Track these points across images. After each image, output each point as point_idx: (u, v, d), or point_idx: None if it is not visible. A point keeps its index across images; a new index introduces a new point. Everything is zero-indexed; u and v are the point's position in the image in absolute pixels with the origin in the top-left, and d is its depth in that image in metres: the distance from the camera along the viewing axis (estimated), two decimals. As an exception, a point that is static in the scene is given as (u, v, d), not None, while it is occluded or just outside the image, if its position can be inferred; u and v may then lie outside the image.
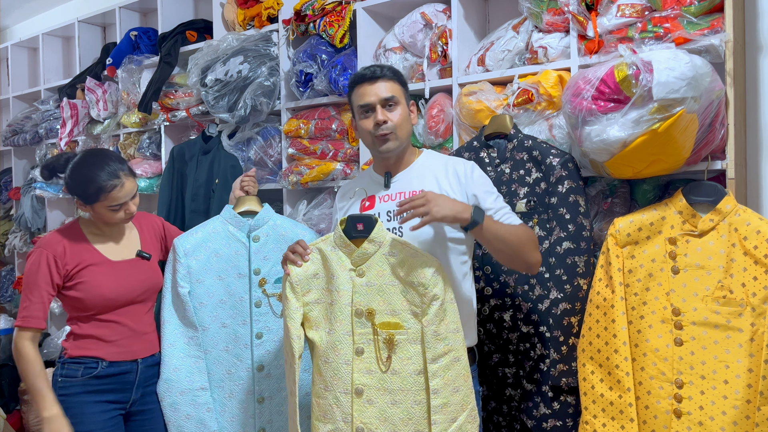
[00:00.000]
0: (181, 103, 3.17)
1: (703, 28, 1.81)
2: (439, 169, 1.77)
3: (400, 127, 1.73)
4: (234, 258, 1.99)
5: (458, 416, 1.62)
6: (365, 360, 1.66)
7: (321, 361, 1.69)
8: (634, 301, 1.82)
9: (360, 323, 1.66)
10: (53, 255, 1.88)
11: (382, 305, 1.66)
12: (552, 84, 2.03)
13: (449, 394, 1.61)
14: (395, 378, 1.65)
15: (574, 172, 1.93)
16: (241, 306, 1.99)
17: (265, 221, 2.03)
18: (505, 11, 2.40)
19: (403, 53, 2.45)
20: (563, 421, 1.95)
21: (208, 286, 1.97)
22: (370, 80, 1.74)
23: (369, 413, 1.65)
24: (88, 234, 1.98)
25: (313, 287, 1.72)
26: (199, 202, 2.89)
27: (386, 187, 1.79)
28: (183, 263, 1.95)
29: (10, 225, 4.65)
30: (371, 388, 1.66)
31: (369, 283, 1.67)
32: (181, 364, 1.95)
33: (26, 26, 4.98)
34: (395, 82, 1.75)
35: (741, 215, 1.72)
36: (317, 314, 1.72)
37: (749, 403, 1.67)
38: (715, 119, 1.77)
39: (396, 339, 1.64)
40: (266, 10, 2.85)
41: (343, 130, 2.61)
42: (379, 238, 1.67)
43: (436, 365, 1.61)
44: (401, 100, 1.75)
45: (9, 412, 3.55)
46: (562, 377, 1.91)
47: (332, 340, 1.68)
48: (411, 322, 1.64)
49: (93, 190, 1.87)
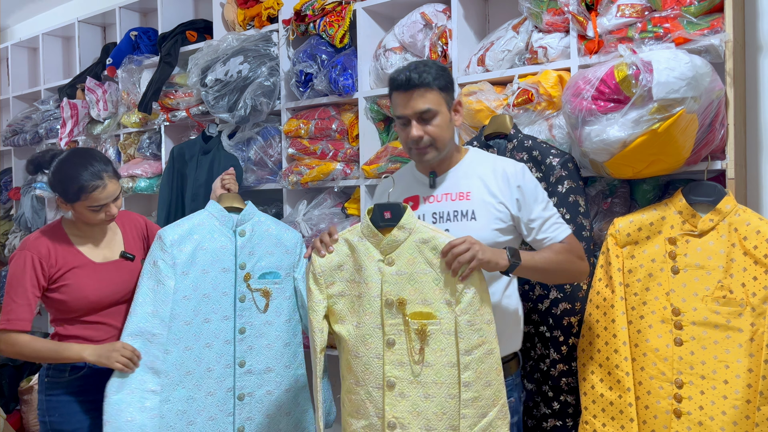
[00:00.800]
0: (181, 103, 3.17)
1: (703, 28, 1.81)
2: (487, 170, 1.70)
3: (438, 138, 1.65)
4: (219, 252, 1.96)
5: (489, 411, 1.57)
6: (396, 352, 1.60)
7: (351, 356, 1.65)
8: (634, 301, 1.82)
9: (390, 314, 1.61)
10: (38, 257, 1.86)
11: (413, 294, 1.60)
12: (552, 84, 2.03)
13: (481, 387, 1.56)
14: (428, 370, 1.59)
15: (574, 172, 1.93)
16: (224, 301, 1.96)
17: (250, 217, 2.03)
18: (505, 11, 2.40)
19: (403, 53, 2.45)
20: (563, 421, 1.95)
21: (193, 279, 1.91)
22: (405, 89, 1.63)
23: (401, 407, 1.60)
24: (71, 235, 1.96)
25: (337, 279, 1.67)
26: (199, 202, 2.88)
27: (431, 188, 1.73)
28: (169, 253, 1.88)
29: (10, 225, 4.65)
30: (403, 381, 1.60)
31: (399, 272, 1.61)
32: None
33: (26, 26, 4.97)
34: (432, 89, 1.63)
35: (741, 215, 1.72)
36: (342, 307, 1.67)
37: (749, 403, 1.67)
38: (715, 119, 1.77)
39: (428, 330, 1.58)
40: (266, 10, 2.85)
41: (343, 130, 2.61)
42: (408, 224, 1.61)
43: (470, 357, 1.55)
44: (440, 109, 1.64)
45: (9, 412, 3.56)
46: (562, 377, 1.91)
47: (361, 334, 1.63)
48: (444, 312, 1.57)
49: (74, 189, 1.85)
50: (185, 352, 1.88)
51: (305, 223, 2.59)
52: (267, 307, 2.01)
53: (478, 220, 1.66)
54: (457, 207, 1.69)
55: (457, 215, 1.67)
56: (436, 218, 1.71)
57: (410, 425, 1.60)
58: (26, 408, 3.49)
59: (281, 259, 2.05)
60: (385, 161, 2.42)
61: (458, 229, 1.66)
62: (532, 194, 1.67)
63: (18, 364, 4.01)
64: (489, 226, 1.65)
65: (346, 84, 2.52)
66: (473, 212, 1.67)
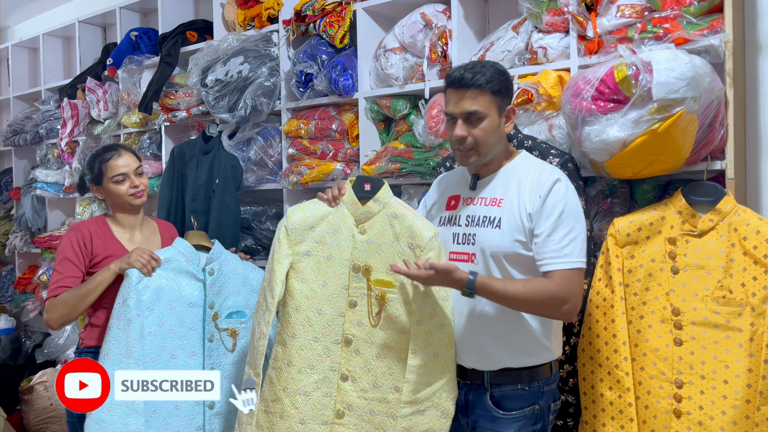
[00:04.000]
0: (181, 103, 3.17)
1: (703, 28, 1.81)
2: (525, 179, 1.63)
3: (482, 141, 1.61)
4: (186, 288, 1.97)
5: (434, 381, 1.66)
6: (357, 313, 1.73)
7: (312, 313, 1.75)
8: (634, 301, 1.82)
9: (356, 278, 1.73)
10: (81, 237, 2.01)
11: (379, 263, 1.72)
12: (552, 84, 2.03)
13: (428, 357, 1.65)
14: (382, 333, 1.72)
15: (574, 172, 1.93)
16: (191, 336, 1.96)
17: (218, 256, 2.03)
18: (505, 11, 2.40)
19: (403, 53, 2.46)
20: (563, 421, 1.95)
21: (158, 315, 1.91)
22: (457, 88, 1.61)
23: (355, 362, 1.73)
24: (114, 228, 2.10)
25: (306, 239, 1.77)
26: (200, 202, 2.89)
27: (472, 189, 1.73)
28: (136, 290, 1.87)
29: (10, 225, 4.65)
30: (359, 340, 1.73)
31: (369, 241, 1.73)
32: (116, 403, 1.82)
33: (27, 26, 4.98)
34: (485, 92, 1.59)
35: (740, 215, 1.73)
36: (306, 266, 1.76)
37: (749, 403, 1.67)
38: (714, 119, 1.77)
39: (387, 297, 1.71)
40: (266, 11, 2.86)
41: (343, 130, 2.62)
42: (384, 198, 1.74)
43: (419, 327, 1.66)
44: (490, 112, 1.60)
45: (9, 412, 3.56)
46: (568, 378, 1.92)
47: (328, 293, 1.75)
48: (403, 283, 1.70)
49: (96, 164, 2.07)
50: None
51: (305, 223, 2.59)
52: (235, 346, 2.02)
53: (502, 228, 1.63)
54: (487, 213, 1.67)
55: (485, 221, 1.66)
56: (468, 221, 1.69)
57: (360, 379, 1.73)
58: (26, 408, 3.49)
59: (247, 298, 2.06)
60: (385, 161, 2.42)
61: (484, 235, 1.65)
62: (549, 208, 1.57)
63: (18, 364, 4.02)
64: (511, 236, 1.61)
65: (347, 84, 2.53)
66: (499, 220, 1.64)
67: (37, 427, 3.45)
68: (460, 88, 1.60)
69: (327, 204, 1.79)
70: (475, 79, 1.58)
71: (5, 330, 4.29)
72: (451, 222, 1.74)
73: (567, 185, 1.61)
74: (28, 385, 3.49)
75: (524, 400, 1.66)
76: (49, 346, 4.05)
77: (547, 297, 1.53)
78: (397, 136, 2.53)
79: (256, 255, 2.88)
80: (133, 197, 2.07)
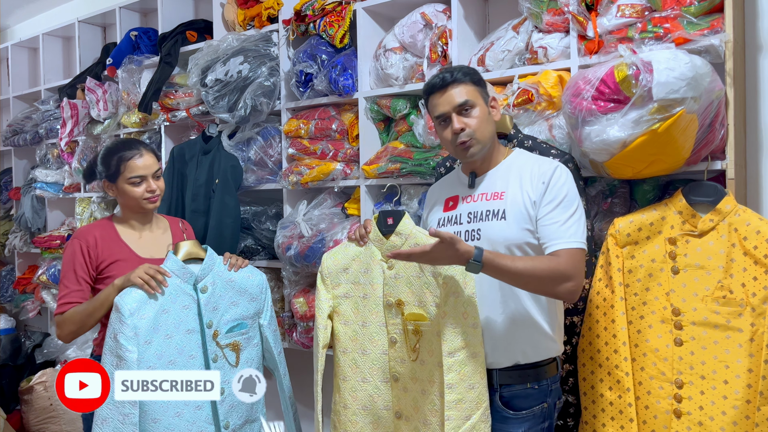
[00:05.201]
0: (181, 103, 3.17)
1: (703, 28, 1.81)
2: (525, 171, 1.68)
3: (479, 130, 1.67)
4: (182, 313, 1.84)
5: (472, 414, 1.60)
6: (398, 350, 1.72)
7: (357, 354, 1.76)
8: (634, 301, 1.82)
9: (391, 314, 1.73)
10: (86, 245, 1.95)
11: (410, 297, 1.70)
12: (552, 84, 2.03)
13: (464, 390, 1.60)
14: (423, 368, 1.70)
15: (574, 172, 1.93)
16: (192, 365, 1.84)
17: (210, 268, 1.88)
18: (505, 11, 2.40)
19: (403, 53, 2.45)
20: (563, 421, 1.95)
21: (156, 347, 1.78)
22: (441, 89, 1.69)
23: (405, 400, 1.72)
24: (120, 230, 2.03)
25: (342, 281, 1.79)
26: (200, 202, 2.89)
27: (470, 188, 1.75)
28: (129, 324, 1.73)
29: (10, 225, 4.65)
30: (405, 377, 1.72)
31: (397, 275, 1.72)
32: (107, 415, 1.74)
33: (26, 26, 4.97)
34: (468, 84, 1.68)
35: (741, 215, 1.72)
36: (346, 308, 1.78)
37: (749, 403, 1.67)
38: (715, 119, 1.77)
39: (422, 330, 1.68)
40: (266, 11, 2.85)
41: (343, 130, 2.61)
42: (405, 231, 1.72)
43: (452, 359, 1.60)
44: (478, 101, 1.68)
45: (9, 412, 3.56)
46: (569, 377, 1.92)
47: (369, 332, 1.75)
48: (434, 314, 1.67)
49: (115, 161, 1.97)
50: (152, 424, 1.78)
51: (305, 223, 2.59)
52: (238, 360, 1.91)
53: (507, 219, 1.65)
54: (490, 207, 1.69)
55: (489, 215, 1.68)
56: (471, 218, 1.71)
57: (412, 417, 1.71)
58: (26, 408, 3.49)
59: (246, 308, 1.94)
60: (385, 161, 2.42)
61: (489, 229, 1.66)
62: (552, 192, 1.62)
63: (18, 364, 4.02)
64: (518, 225, 1.64)
65: (346, 84, 2.52)
66: (504, 212, 1.66)
67: (37, 427, 3.45)
68: (443, 88, 1.69)
69: (356, 244, 1.79)
70: (454, 76, 1.68)
71: (5, 330, 4.29)
72: (452, 221, 1.74)
73: (567, 172, 1.67)
74: (28, 385, 3.49)
75: (534, 399, 1.67)
76: (48, 346, 4.05)
77: (554, 272, 1.55)
78: (397, 136, 2.53)
79: (255, 255, 2.88)
80: (147, 201, 1.99)
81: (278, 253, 2.65)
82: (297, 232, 2.59)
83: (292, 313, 2.69)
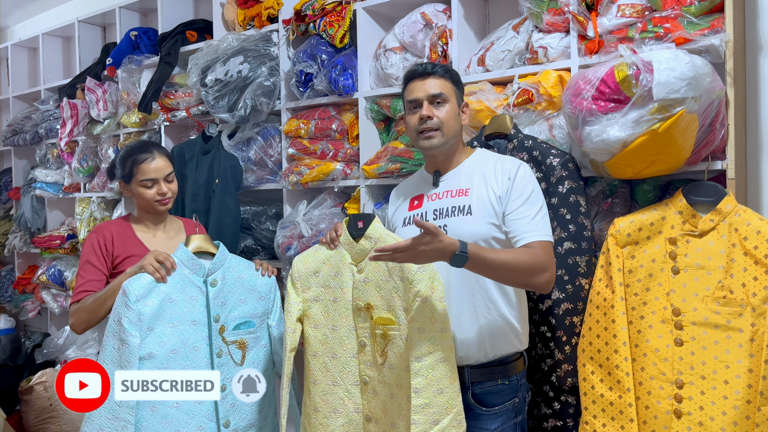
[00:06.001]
0: (181, 103, 3.17)
1: (703, 28, 1.81)
2: (488, 168, 1.74)
3: (446, 124, 1.72)
4: (188, 304, 1.82)
5: (441, 419, 1.59)
6: (367, 353, 1.72)
7: (328, 358, 1.75)
8: (634, 301, 1.82)
9: (360, 318, 1.72)
10: (103, 239, 2.03)
11: (379, 300, 1.70)
12: (552, 84, 2.03)
13: (432, 395, 1.59)
14: (391, 372, 1.69)
15: (575, 172, 1.93)
16: (195, 356, 1.82)
17: (221, 263, 1.89)
18: (505, 11, 2.40)
19: (403, 53, 2.45)
20: (563, 421, 1.95)
21: (159, 334, 1.77)
22: (421, 76, 1.74)
23: (374, 403, 1.72)
24: (136, 228, 2.11)
25: (312, 284, 1.78)
26: (199, 202, 2.89)
27: (435, 186, 1.79)
28: (134, 309, 1.73)
29: (10, 225, 4.65)
30: (374, 380, 1.72)
31: (366, 279, 1.71)
32: (104, 425, 1.74)
33: (26, 26, 4.98)
34: (446, 80, 1.74)
35: (741, 215, 1.72)
36: (316, 312, 1.77)
37: (749, 404, 1.66)
38: (715, 119, 1.77)
39: (390, 334, 1.68)
40: (266, 10, 2.85)
41: (343, 130, 2.61)
42: (374, 234, 1.72)
43: (419, 364, 1.59)
44: (451, 99, 1.74)
45: (9, 413, 3.55)
46: (567, 377, 1.92)
47: (339, 336, 1.74)
48: (402, 318, 1.67)
49: (129, 163, 2.06)
50: (149, 412, 1.77)
51: (305, 223, 2.59)
52: (243, 359, 1.90)
53: (473, 214, 1.69)
54: (455, 203, 1.73)
55: (455, 210, 1.71)
56: (436, 215, 1.74)
57: (380, 420, 1.71)
58: (26, 408, 3.49)
59: (255, 307, 1.93)
60: (385, 161, 2.42)
61: (456, 224, 1.70)
62: (519, 188, 1.68)
63: (18, 364, 4.02)
64: (484, 220, 1.68)
65: (346, 84, 2.52)
66: (469, 207, 1.70)
67: (37, 427, 3.45)
68: (423, 76, 1.74)
69: (327, 247, 1.79)
70: (435, 69, 1.74)
71: (5, 330, 4.29)
72: None
73: (529, 169, 1.74)
74: (28, 385, 3.48)
75: (505, 395, 1.71)
76: (48, 346, 4.05)
77: (533, 263, 1.59)
78: (397, 136, 2.53)
79: (255, 255, 2.88)
80: (158, 203, 2.06)
81: (278, 253, 2.65)
82: (297, 232, 2.59)
83: (292, 313, 2.69)
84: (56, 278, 3.93)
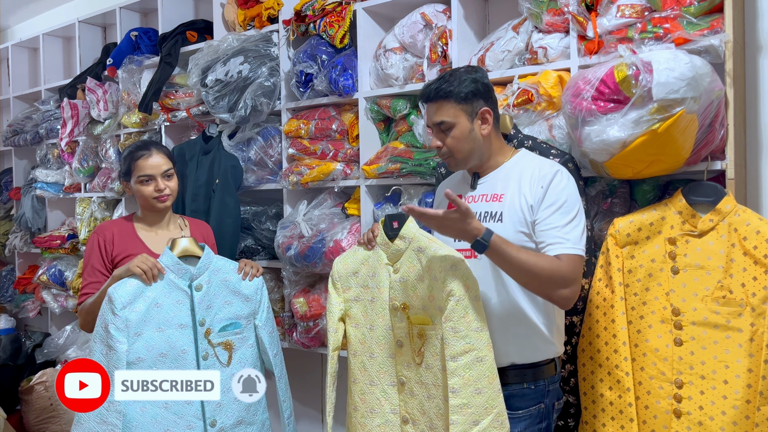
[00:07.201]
0: (181, 103, 3.17)
1: (703, 28, 1.81)
2: (526, 173, 1.68)
3: (455, 149, 1.69)
4: (175, 308, 1.84)
5: (481, 419, 1.55)
6: (404, 353, 1.71)
7: (366, 357, 1.76)
8: (634, 301, 1.82)
9: (397, 318, 1.72)
10: (103, 239, 2.05)
11: (415, 300, 1.69)
12: (552, 84, 2.03)
13: (470, 395, 1.56)
14: (428, 372, 1.68)
15: (574, 172, 1.93)
16: (182, 359, 1.84)
17: (206, 267, 1.89)
18: (505, 11, 2.40)
19: (403, 53, 2.46)
20: (564, 421, 1.95)
21: (146, 339, 1.79)
22: (426, 101, 1.73)
23: (412, 404, 1.71)
24: (139, 228, 2.12)
25: (352, 284, 1.80)
26: (200, 203, 2.89)
27: (472, 188, 1.77)
28: (121, 316, 1.75)
29: (10, 225, 4.65)
30: (411, 381, 1.71)
31: (402, 279, 1.71)
32: (93, 429, 1.76)
33: (27, 26, 4.98)
34: (449, 102, 1.67)
35: (741, 215, 1.73)
36: (357, 311, 1.79)
37: (749, 403, 1.67)
38: (714, 119, 1.77)
39: (426, 333, 1.67)
40: (266, 11, 2.86)
41: (343, 131, 2.61)
42: (408, 234, 1.71)
43: (455, 363, 1.57)
44: (458, 120, 1.67)
45: (9, 413, 3.56)
46: (569, 377, 1.92)
47: (376, 335, 1.75)
48: (437, 318, 1.64)
49: (127, 161, 2.09)
50: (139, 413, 1.79)
51: (305, 223, 2.59)
52: (230, 359, 1.91)
53: (504, 222, 1.66)
54: (489, 208, 1.70)
55: (487, 216, 1.69)
56: None
57: (418, 422, 1.70)
58: (26, 408, 3.49)
59: (240, 308, 1.95)
60: (385, 161, 2.42)
61: None
62: (551, 197, 1.62)
63: (18, 364, 4.02)
64: (514, 228, 1.64)
65: (347, 84, 2.53)
66: (501, 214, 1.67)
67: (37, 427, 3.45)
68: (428, 102, 1.72)
69: (364, 248, 1.80)
70: (439, 91, 1.68)
71: (5, 330, 4.29)
72: None
73: (568, 176, 1.66)
74: (28, 385, 3.49)
75: (530, 399, 1.67)
76: (48, 346, 4.05)
77: (555, 273, 1.54)
78: (397, 136, 2.53)
79: (255, 255, 2.88)
80: (156, 200, 2.06)
81: (278, 253, 2.66)
82: (297, 232, 2.59)
83: (292, 313, 2.69)
84: (57, 278, 3.93)
